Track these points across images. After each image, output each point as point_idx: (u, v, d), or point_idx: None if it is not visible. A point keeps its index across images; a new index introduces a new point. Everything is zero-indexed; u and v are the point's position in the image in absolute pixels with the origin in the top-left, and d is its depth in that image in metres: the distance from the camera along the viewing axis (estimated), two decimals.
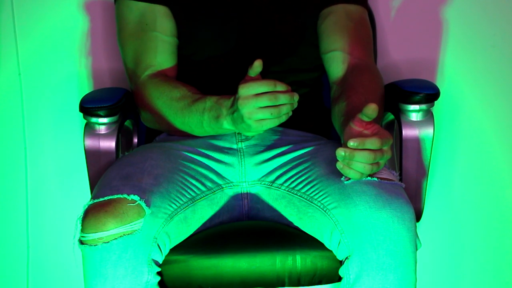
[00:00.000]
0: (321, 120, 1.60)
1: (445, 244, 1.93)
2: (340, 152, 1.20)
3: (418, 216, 1.54)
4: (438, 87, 1.50)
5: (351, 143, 1.18)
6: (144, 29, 1.52)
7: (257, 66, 1.26)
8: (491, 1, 1.83)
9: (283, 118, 1.26)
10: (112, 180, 1.30)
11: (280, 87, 1.23)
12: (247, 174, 1.45)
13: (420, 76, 1.80)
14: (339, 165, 1.23)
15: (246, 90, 1.23)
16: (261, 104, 1.23)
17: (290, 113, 1.26)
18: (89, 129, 1.51)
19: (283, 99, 1.23)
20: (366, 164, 1.21)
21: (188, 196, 1.35)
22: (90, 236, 1.21)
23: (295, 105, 1.26)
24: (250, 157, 1.46)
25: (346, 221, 1.25)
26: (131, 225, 1.22)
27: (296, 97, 1.25)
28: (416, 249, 1.26)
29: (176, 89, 1.44)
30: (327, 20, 1.53)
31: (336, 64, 1.50)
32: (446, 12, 1.84)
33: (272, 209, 1.42)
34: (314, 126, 1.58)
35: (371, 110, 1.19)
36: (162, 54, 1.51)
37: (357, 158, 1.20)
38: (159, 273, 1.28)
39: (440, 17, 1.84)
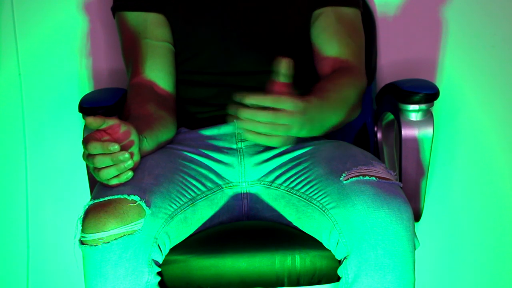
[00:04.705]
0: None
1: (445, 244, 1.93)
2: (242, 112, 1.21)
3: (417, 216, 1.54)
4: (438, 87, 1.50)
5: (243, 99, 1.20)
6: (138, 38, 1.53)
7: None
8: (491, 1, 1.83)
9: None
10: None
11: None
12: (246, 174, 1.45)
13: (419, 76, 1.80)
14: (249, 136, 1.23)
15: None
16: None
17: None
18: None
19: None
20: (265, 123, 1.21)
21: (188, 196, 1.36)
22: (90, 236, 1.21)
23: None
24: (250, 157, 1.46)
25: (344, 221, 1.25)
26: (131, 225, 1.22)
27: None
28: (415, 249, 1.26)
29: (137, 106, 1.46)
30: (316, 23, 1.53)
31: (324, 72, 1.50)
32: (446, 12, 1.84)
33: (271, 209, 1.42)
34: None
35: (283, 62, 1.20)
36: (151, 59, 1.51)
37: (256, 117, 1.20)
38: (159, 273, 1.28)
39: (440, 17, 1.84)
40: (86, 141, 1.20)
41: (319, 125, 1.33)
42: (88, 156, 1.22)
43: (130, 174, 1.25)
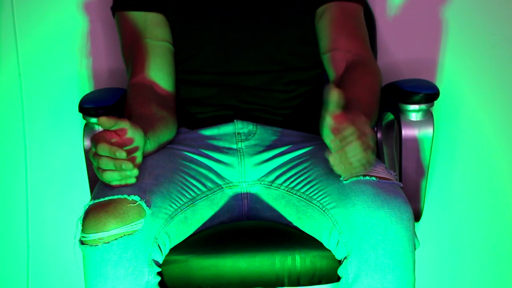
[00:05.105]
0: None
1: (445, 244, 1.93)
2: (333, 157, 1.19)
3: (417, 216, 1.54)
4: (438, 87, 1.50)
5: (332, 145, 1.18)
6: (137, 38, 1.53)
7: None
8: (491, 1, 1.84)
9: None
10: None
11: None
12: (246, 174, 1.45)
13: (419, 76, 1.80)
14: (346, 178, 1.23)
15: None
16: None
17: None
18: (88, 130, 1.52)
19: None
20: (361, 153, 1.18)
21: (189, 197, 1.36)
22: (90, 237, 1.21)
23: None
24: (250, 157, 1.46)
25: (344, 221, 1.25)
26: (131, 226, 1.22)
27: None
28: (415, 249, 1.26)
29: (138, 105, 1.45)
30: (322, 19, 1.53)
31: (336, 63, 1.50)
32: (446, 12, 1.84)
33: (271, 209, 1.42)
34: (315, 125, 1.57)
35: (333, 93, 1.17)
36: (151, 58, 1.51)
37: (349, 153, 1.18)
38: (159, 273, 1.28)
39: (440, 17, 1.84)
40: (96, 141, 1.21)
41: None
42: (94, 155, 1.22)
43: (133, 180, 1.26)
